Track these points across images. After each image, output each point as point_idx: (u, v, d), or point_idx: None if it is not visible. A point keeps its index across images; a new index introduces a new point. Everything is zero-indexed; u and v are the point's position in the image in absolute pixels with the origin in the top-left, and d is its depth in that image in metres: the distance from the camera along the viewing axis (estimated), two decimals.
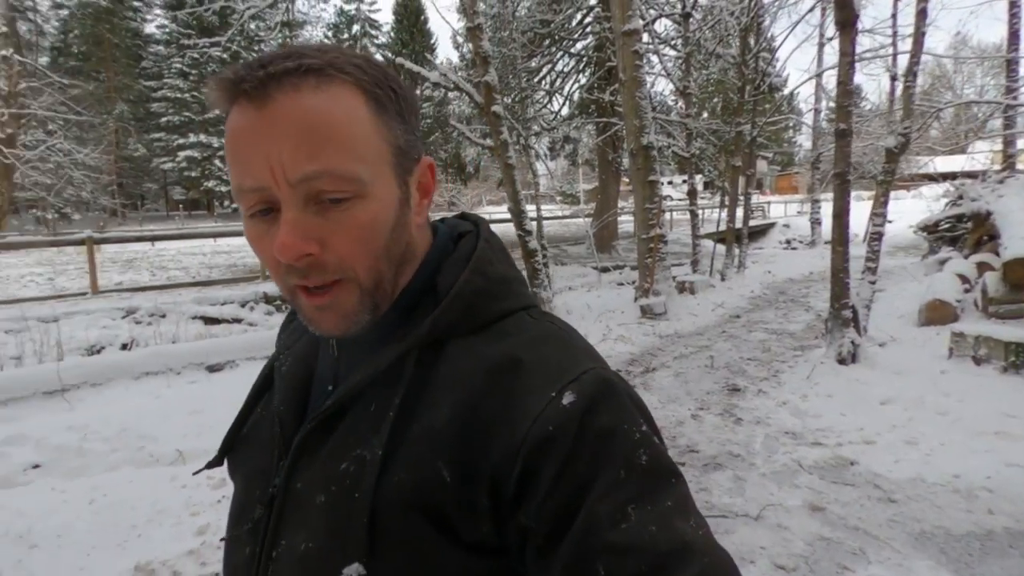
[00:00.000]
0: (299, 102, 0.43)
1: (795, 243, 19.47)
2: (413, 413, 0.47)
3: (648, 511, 0.41)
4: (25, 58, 20.82)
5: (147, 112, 34.22)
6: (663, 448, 0.46)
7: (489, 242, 0.55)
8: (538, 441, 0.42)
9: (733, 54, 12.18)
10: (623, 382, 0.48)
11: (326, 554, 0.45)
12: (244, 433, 0.59)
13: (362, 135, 0.45)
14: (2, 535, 2.58)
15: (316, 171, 0.43)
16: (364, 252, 0.47)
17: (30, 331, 5.52)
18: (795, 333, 6.81)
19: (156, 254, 14.90)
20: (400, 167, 0.49)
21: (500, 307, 0.52)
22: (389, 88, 0.48)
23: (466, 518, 0.44)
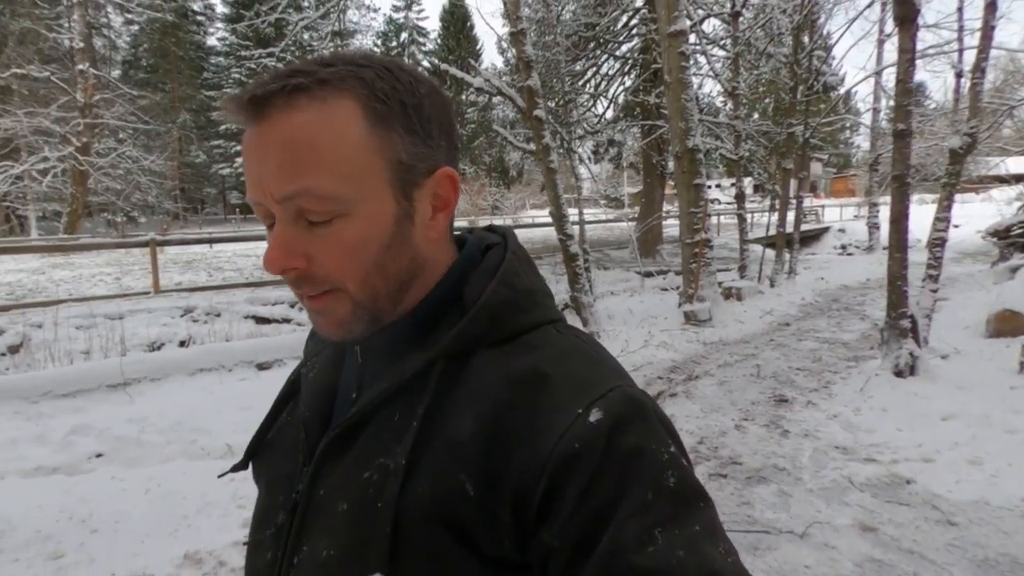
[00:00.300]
0: (288, 121, 0.44)
1: (851, 248, 18.63)
2: (437, 423, 0.46)
3: (676, 535, 0.40)
4: (99, 71, 22.25)
5: (207, 120, 35.94)
6: (691, 471, 0.45)
7: (516, 254, 0.54)
8: (564, 458, 0.42)
9: (785, 53, 11.78)
10: (651, 401, 0.47)
11: (348, 562, 0.46)
12: (269, 438, 0.60)
13: (348, 153, 0.45)
14: (67, 519, 2.76)
15: (294, 191, 0.44)
16: (351, 268, 0.47)
17: (97, 327, 5.87)
18: (848, 343, 6.51)
19: (213, 255, 15.61)
20: (400, 182, 0.48)
21: (526, 320, 0.51)
22: (397, 100, 0.47)
23: (488, 533, 0.43)
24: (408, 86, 0.48)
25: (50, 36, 21.14)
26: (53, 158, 18.92)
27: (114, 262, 13.75)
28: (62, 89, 19.59)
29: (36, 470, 3.28)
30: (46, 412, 4.03)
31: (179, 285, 9.31)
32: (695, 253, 7.45)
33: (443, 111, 0.51)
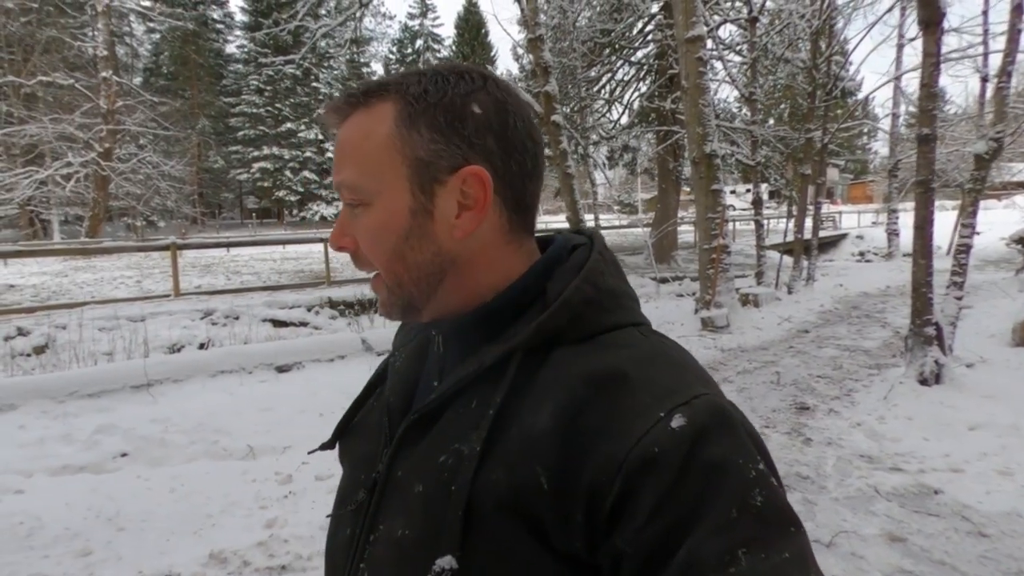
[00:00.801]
0: (343, 127, 0.53)
1: (869, 255, 18.39)
2: (513, 414, 0.47)
3: (762, 559, 0.38)
4: (122, 79, 22.69)
5: (226, 127, 36.51)
6: (782, 493, 0.43)
7: (603, 255, 0.55)
8: (641, 462, 0.41)
9: (803, 58, 11.70)
10: (740, 414, 0.46)
11: (421, 543, 0.46)
12: (356, 422, 0.63)
13: (371, 150, 0.51)
14: (94, 517, 2.80)
15: (338, 182, 0.53)
16: (376, 253, 0.53)
17: (120, 329, 5.97)
18: (870, 351, 6.42)
19: (231, 259, 15.80)
20: (419, 177, 0.50)
21: (609, 320, 0.51)
22: (424, 101, 0.50)
23: (560, 528, 0.43)
24: (443, 86, 0.50)
25: (75, 44, 21.63)
26: (76, 163, 19.32)
27: (134, 265, 13.98)
28: (86, 96, 20.02)
29: (63, 468, 3.33)
30: (72, 412, 4.10)
31: (198, 288, 9.43)
32: (713, 259, 7.40)
33: (492, 111, 0.51)
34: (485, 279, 0.53)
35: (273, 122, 35.42)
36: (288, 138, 35.64)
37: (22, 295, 9.23)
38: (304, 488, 3.15)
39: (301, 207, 37.02)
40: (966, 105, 15.83)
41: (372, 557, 0.51)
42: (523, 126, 0.53)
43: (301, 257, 15.87)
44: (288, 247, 18.19)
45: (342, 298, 8.11)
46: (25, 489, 3.05)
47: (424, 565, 0.45)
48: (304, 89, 36.00)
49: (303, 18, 10.96)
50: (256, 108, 35.36)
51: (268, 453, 3.62)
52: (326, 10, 16.72)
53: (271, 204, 38.12)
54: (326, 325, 7.60)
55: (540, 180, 0.56)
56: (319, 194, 36.67)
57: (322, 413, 4.27)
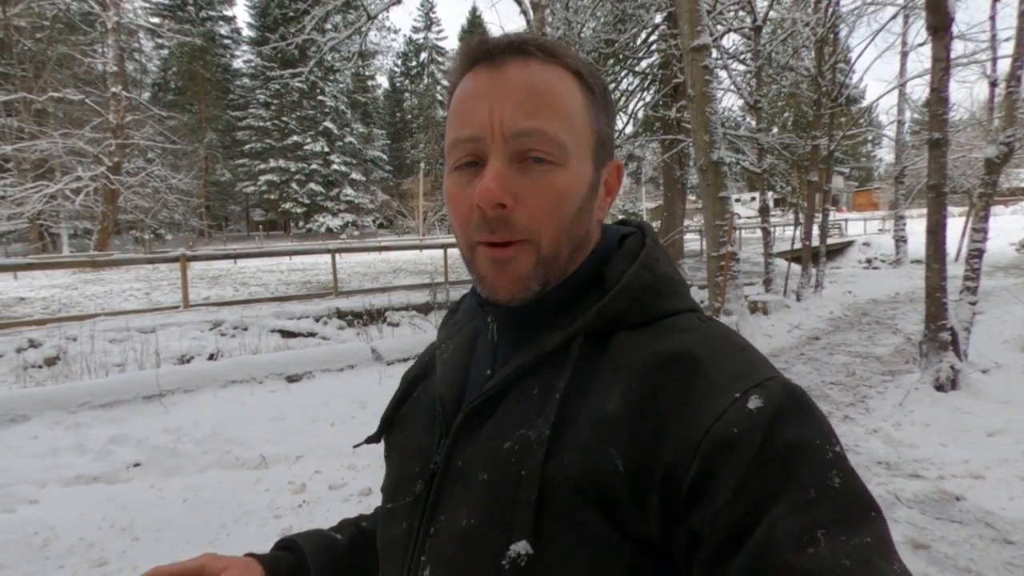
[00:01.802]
0: (528, 70, 0.49)
1: (877, 262, 18.30)
2: (580, 399, 0.46)
3: (842, 541, 0.37)
4: (131, 94, 22.97)
5: (233, 140, 36.82)
6: (859, 477, 0.42)
7: (656, 242, 0.55)
8: (720, 442, 0.40)
9: (807, 66, 11.73)
10: (811, 398, 0.45)
11: (490, 531, 0.46)
12: (402, 414, 0.62)
13: (575, 111, 0.50)
14: (109, 527, 2.79)
15: (531, 128, 0.48)
16: (551, 218, 0.49)
17: (131, 340, 5.99)
18: (882, 357, 6.36)
19: (238, 271, 15.87)
20: (598, 154, 0.52)
21: (667, 305, 0.51)
22: (599, 85, 0.53)
23: (635, 512, 0.42)
24: (600, 76, 0.54)
25: (85, 61, 21.94)
26: (86, 177, 19.50)
27: (143, 278, 14.05)
28: (95, 111, 20.24)
29: (77, 479, 3.33)
30: (84, 422, 4.10)
31: (207, 300, 9.46)
32: (722, 266, 7.38)
33: (615, 108, 0.56)
34: (583, 258, 0.54)
35: (279, 135, 35.73)
36: (294, 151, 35.91)
37: (33, 308, 9.29)
38: (318, 497, 3.13)
39: (307, 219, 37.21)
40: (972, 111, 15.83)
41: (435, 549, 0.50)
42: None
43: (308, 268, 15.93)
44: (295, 258, 18.26)
45: (350, 308, 8.13)
46: (39, 499, 3.05)
47: (495, 553, 0.44)
48: (310, 102, 36.32)
49: (310, 32, 11.08)
50: (263, 121, 35.69)
51: (281, 462, 3.61)
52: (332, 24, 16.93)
53: (277, 216, 38.34)
54: (334, 335, 7.61)
55: None
56: (325, 206, 36.86)
57: (333, 422, 4.26)
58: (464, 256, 0.53)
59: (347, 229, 36.71)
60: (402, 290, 9.84)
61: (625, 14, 13.06)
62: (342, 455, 3.67)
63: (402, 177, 41.88)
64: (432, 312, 8.53)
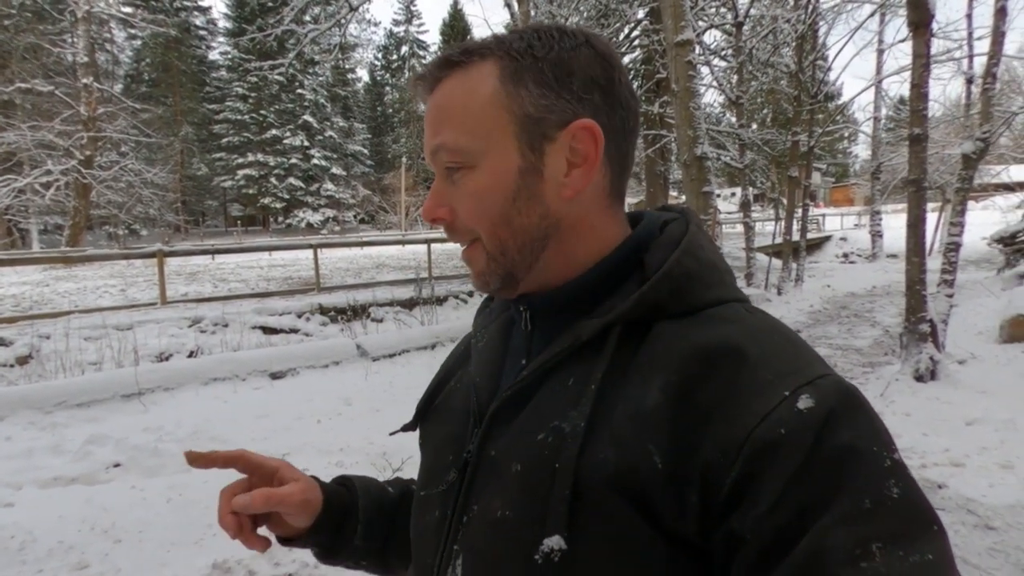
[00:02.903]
0: (440, 90, 0.51)
1: (853, 256, 18.68)
2: (617, 390, 0.44)
3: (900, 557, 0.34)
4: (103, 85, 22.37)
5: (209, 133, 36.15)
6: (919, 487, 0.39)
7: (700, 228, 0.53)
8: (765, 443, 0.38)
9: (787, 63, 11.88)
10: (867, 400, 0.43)
11: (523, 523, 0.44)
12: (437, 403, 0.61)
13: (475, 110, 0.49)
14: (89, 529, 2.71)
15: (435, 145, 0.50)
16: (479, 219, 0.50)
17: (108, 338, 5.83)
18: (862, 349, 6.49)
19: (216, 267, 15.58)
20: (527, 135, 0.48)
21: (712, 294, 0.48)
22: (530, 56, 0.48)
23: (673, 509, 0.40)
24: (548, 41, 0.49)
25: (54, 51, 21.28)
26: (56, 171, 18.94)
27: (117, 274, 13.71)
28: (66, 103, 19.66)
29: (54, 480, 3.23)
30: (61, 422, 3.99)
31: (185, 296, 9.27)
32: None
33: (598, 66, 0.50)
34: (585, 246, 0.51)
35: (258, 129, 35.15)
36: (273, 145, 35.37)
37: (2, 305, 9.00)
38: None
39: (287, 214, 36.73)
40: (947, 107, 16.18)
41: (468, 537, 0.49)
42: (626, 82, 0.52)
43: (289, 264, 15.70)
44: (275, 254, 18.00)
45: (333, 304, 8.03)
46: (15, 502, 2.95)
47: (529, 546, 0.43)
48: (289, 96, 35.78)
49: (289, 24, 10.88)
50: (240, 115, 35.08)
51: None
52: (311, 16, 16.67)
53: (256, 211, 37.76)
54: (317, 332, 7.50)
55: (636, 140, 0.55)
56: (305, 201, 36.41)
57: (319, 419, 4.20)
58: None
59: (328, 224, 36.30)
60: (386, 285, 9.74)
61: (608, 9, 13.08)
62: (329, 452, 3.62)
63: (383, 172, 41.53)
64: (417, 307, 8.46)
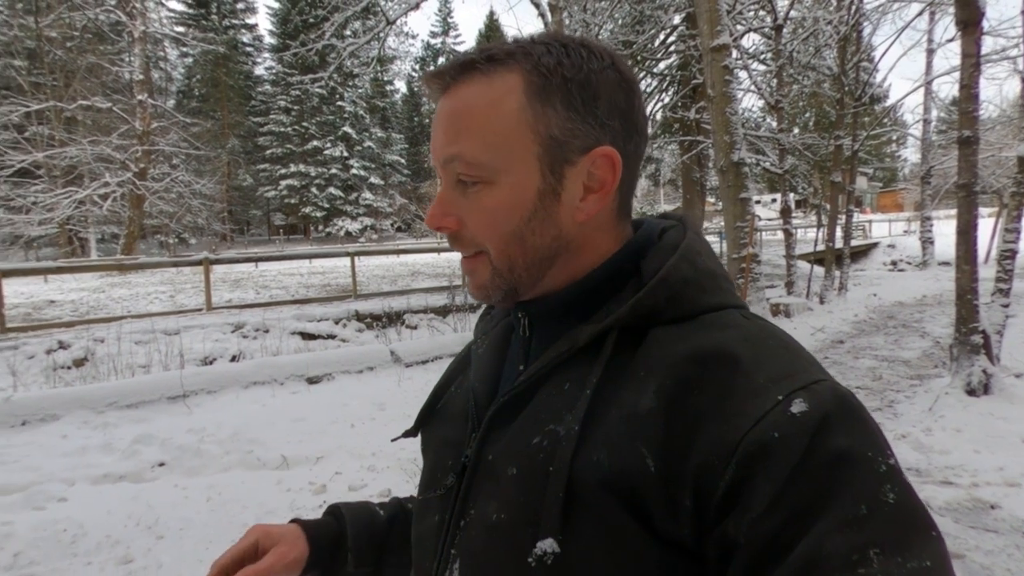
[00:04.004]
0: (457, 94, 0.49)
1: (902, 264, 17.93)
2: (612, 394, 0.45)
3: (897, 563, 0.34)
4: (156, 101, 23.50)
5: (254, 145, 37.47)
6: (916, 493, 0.39)
7: (698, 235, 0.53)
8: (758, 447, 0.38)
9: (829, 65, 11.56)
10: (863, 406, 0.42)
11: (518, 526, 0.45)
12: (439, 408, 0.62)
13: (499, 124, 0.47)
14: (134, 525, 2.83)
15: (450, 155, 0.49)
16: (491, 235, 0.50)
17: (156, 342, 6.10)
18: (910, 361, 6.21)
19: (259, 274, 16.10)
20: (550, 157, 0.48)
21: (708, 300, 0.49)
22: (559, 75, 0.47)
23: (666, 512, 0.41)
24: (577, 62, 0.48)
25: (113, 70, 22.49)
26: (113, 183, 19.97)
27: (167, 281, 14.33)
28: (122, 119, 20.73)
29: (104, 477, 3.39)
30: (111, 422, 4.18)
31: (229, 302, 9.60)
32: (742, 269, 7.28)
33: (621, 91, 0.50)
34: (587, 261, 0.52)
35: (300, 140, 36.25)
36: (314, 156, 36.39)
37: (62, 310, 9.52)
38: (338, 498, 3.13)
39: (326, 223, 37.65)
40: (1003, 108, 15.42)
41: (464, 541, 0.49)
42: (642, 107, 0.53)
43: (328, 271, 16.09)
44: (315, 261, 18.49)
45: (369, 311, 8.19)
46: (68, 497, 3.11)
47: (523, 548, 0.43)
48: (330, 108, 36.79)
49: (330, 38, 11.22)
50: (283, 127, 36.25)
51: (301, 463, 3.64)
52: (351, 30, 17.15)
53: (297, 220, 38.85)
54: (353, 337, 7.66)
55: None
56: (344, 210, 37.28)
57: (353, 424, 4.28)
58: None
59: (366, 233, 37.05)
60: (420, 292, 9.88)
61: (643, 15, 13.01)
62: (362, 456, 3.69)
63: (420, 181, 42.19)
64: (450, 315, 8.55)
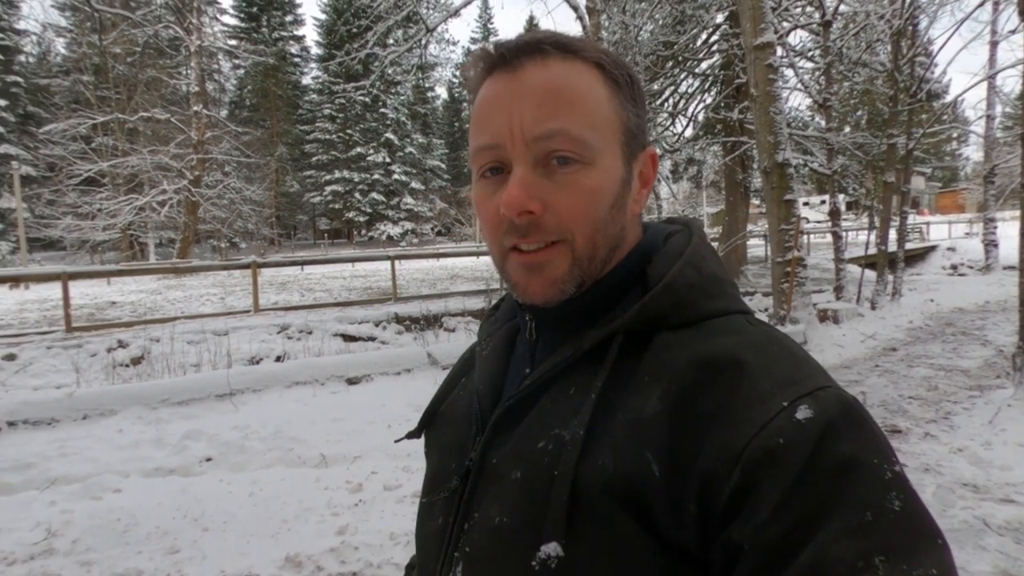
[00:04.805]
0: (545, 69, 0.48)
1: (964, 268, 17.00)
2: (617, 399, 0.45)
3: (903, 571, 0.34)
4: (210, 111, 24.59)
5: (301, 152, 38.71)
6: (921, 500, 0.39)
7: (703, 240, 0.53)
8: (763, 452, 0.38)
9: (882, 61, 11.09)
10: (869, 413, 0.42)
11: (521, 530, 0.45)
12: (442, 410, 0.62)
13: (598, 106, 0.49)
14: (182, 517, 2.96)
15: (552, 129, 0.47)
16: (584, 218, 0.48)
17: (207, 342, 6.37)
18: (969, 370, 5.87)
19: (304, 277, 16.61)
20: (628, 147, 0.51)
21: (713, 305, 0.49)
22: (625, 74, 0.51)
23: (670, 518, 0.40)
24: (630, 65, 0.52)
25: (171, 82, 23.70)
26: (170, 190, 21.01)
27: (218, 283, 14.95)
28: (179, 129, 21.81)
29: (155, 470, 3.56)
30: (164, 418, 4.39)
31: (275, 304, 9.94)
32: (787, 272, 7.05)
33: (645, 95, 0.54)
34: (621, 255, 0.53)
35: (344, 147, 37.23)
36: (357, 162, 37.31)
37: (122, 311, 10.06)
38: (373, 497, 3.21)
39: (369, 227, 38.51)
40: None
41: (468, 545, 0.49)
42: None
43: (369, 274, 16.45)
44: (357, 265, 18.94)
45: (408, 314, 8.33)
46: (123, 488, 3.28)
47: (526, 552, 0.43)
48: (373, 115, 37.67)
49: (372, 47, 11.50)
50: (329, 134, 37.33)
51: (340, 462, 3.73)
52: (393, 39, 17.55)
53: (341, 225, 39.88)
54: (393, 340, 7.81)
55: None
56: (386, 214, 38.07)
57: (390, 424, 4.36)
58: (496, 262, 0.52)
59: (407, 237, 37.71)
60: (459, 296, 9.98)
61: (684, 15, 12.79)
62: (397, 457, 3.75)
63: (460, 185, 42.62)
64: None
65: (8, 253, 24.52)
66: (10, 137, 25.61)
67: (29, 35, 29.06)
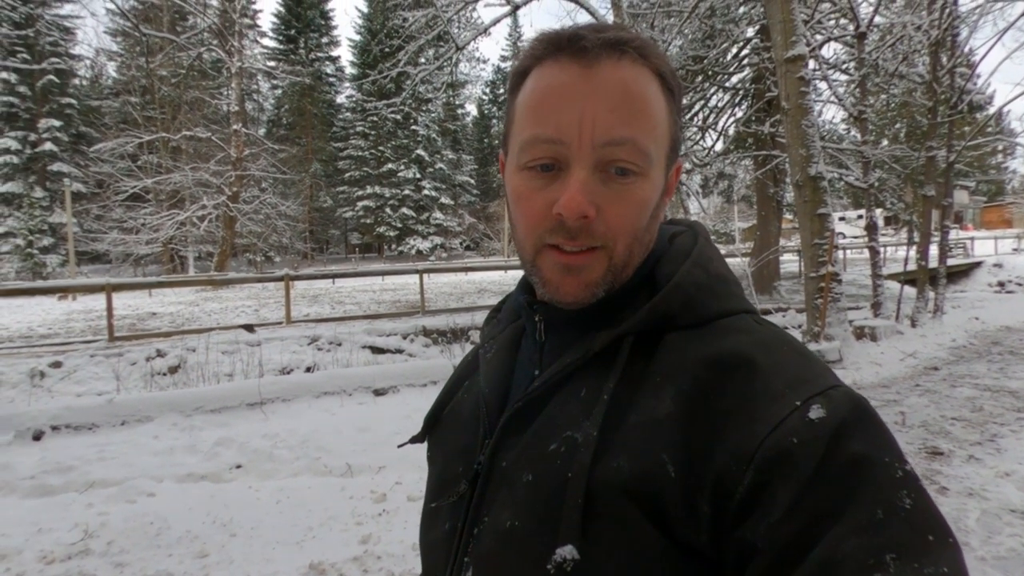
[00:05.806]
0: (620, 71, 0.46)
1: (1011, 286, 16.27)
2: (629, 400, 0.45)
3: (914, 569, 0.34)
4: (249, 130, 25.46)
5: (335, 169, 39.68)
6: (932, 499, 0.38)
7: (708, 241, 0.54)
8: (777, 452, 0.38)
9: (920, 73, 10.82)
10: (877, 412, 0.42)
11: (535, 534, 0.44)
12: (446, 414, 0.62)
13: (660, 118, 0.48)
14: (212, 522, 3.02)
15: (624, 137, 0.45)
16: (628, 228, 0.48)
17: (240, 352, 6.54)
18: (1017, 392, 5.60)
19: (335, 290, 16.92)
20: (670, 159, 0.51)
21: (721, 305, 0.49)
22: (676, 83, 0.50)
23: (685, 518, 0.41)
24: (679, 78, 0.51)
25: (212, 103, 24.66)
26: (210, 206, 21.75)
27: (253, 296, 15.34)
28: (219, 147, 22.63)
29: (188, 476, 3.65)
30: (197, 425, 4.51)
31: (307, 317, 10.15)
32: (821, 288, 6.88)
33: None
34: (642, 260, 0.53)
35: (376, 163, 38.06)
36: (389, 178, 38.06)
37: (161, 321, 10.41)
38: (397, 507, 3.22)
39: (399, 242, 39.11)
40: None
41: (478, 550, 0.49)
42: None
43: (398, 288, 16.67)
44: (387, 279, 19.23)
45: (435, 327, 8.40)
46: (156, 493, 3.37)
47: (540, 556, 0.43)
48: (404, 132, 38.46)
49: (404, 65, 11.78)
50: (361, 151, 38.23)
51: (364, 472, 3.76)
52: (425, 58, 17.94)
53: (372, 239, 40.59)
54: (420, 352, 7.88)
55: None
56: (416, 229, 38.64)
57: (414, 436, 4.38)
58: (526, 257, 0.50)
59: (436, 251, 38.14)
60: (486, 310, 10.01)
61: (714, 30, 12.74)
62: (421, 468, 3.73)
63: (488, 200, 43.01)
64: None
65: (58, 266, 25.69)
66: (63, 156, 26.99)
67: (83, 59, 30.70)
